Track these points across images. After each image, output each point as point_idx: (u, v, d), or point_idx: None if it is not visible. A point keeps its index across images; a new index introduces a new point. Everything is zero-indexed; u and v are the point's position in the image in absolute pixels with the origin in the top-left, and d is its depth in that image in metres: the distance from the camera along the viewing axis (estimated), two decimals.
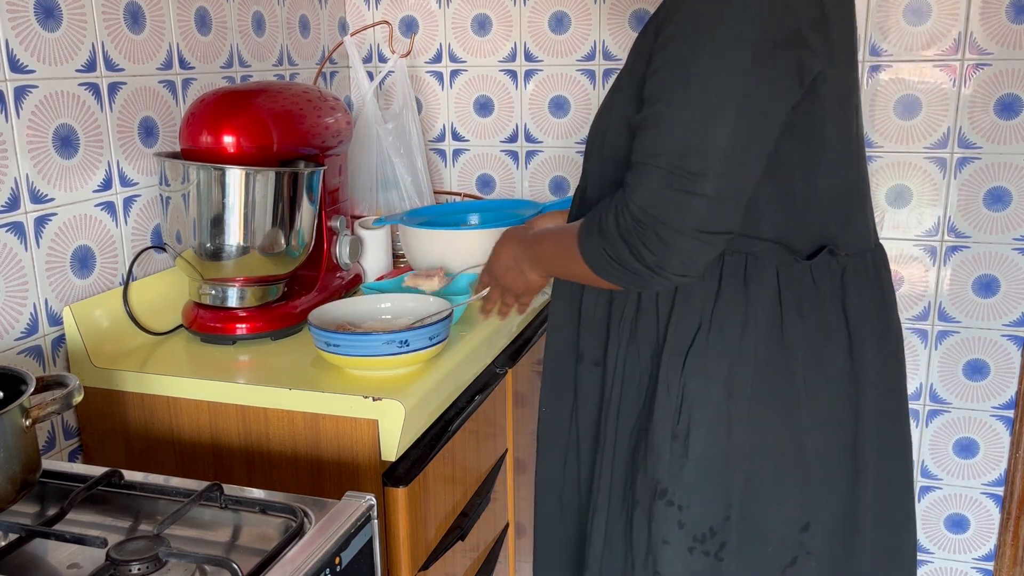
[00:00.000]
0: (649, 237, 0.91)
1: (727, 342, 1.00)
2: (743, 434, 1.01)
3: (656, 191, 0.90)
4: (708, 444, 1.01)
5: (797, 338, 1.00)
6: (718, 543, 1.03)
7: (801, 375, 1.01)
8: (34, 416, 0.86)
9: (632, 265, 0.94)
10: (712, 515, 1.02)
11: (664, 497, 1.03)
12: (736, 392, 1.00)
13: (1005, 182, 1.73)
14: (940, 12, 1.69)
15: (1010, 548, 1.88)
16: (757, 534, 1.03)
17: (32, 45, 1.19)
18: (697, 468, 1.02)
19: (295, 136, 1.36)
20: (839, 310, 1.02)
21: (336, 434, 1.15)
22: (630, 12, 1.85)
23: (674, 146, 0.89)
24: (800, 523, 1.03)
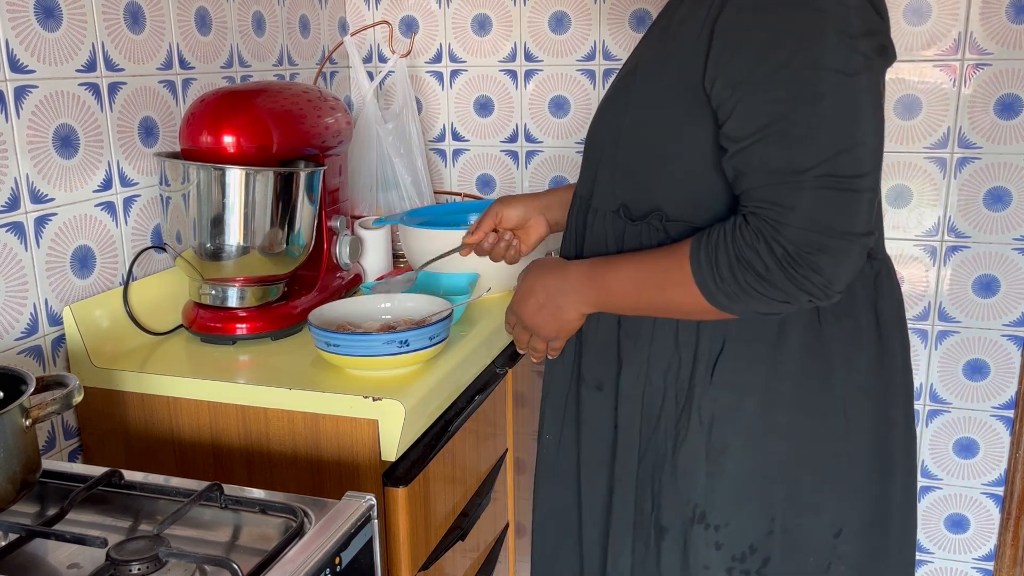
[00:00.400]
0: (818, 258, 0.84)
1: (759, 351, 0.96)
2: (783, 445, 0.97)
3: (815, 206, 0.83)
4: (746, 459, 0.97)
5: (835, 344, 0.97)
6: (760, 559, 0.99)
7: (840, 383, 0.98)
8: (34, 416, 0.86)
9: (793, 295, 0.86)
10: (753, 532, 0.99)
11: (702, 520, 0.99)
12: (772, 402, 0.96)
13: (1005, 182, 1.73)
14: (940, 12, 1.69)
15: (1010, 548, 1.88)
16: (797, 545, 1.00)
17: (32, 45, 1.19)
18: (734, 485, 0.98)
19: (295, 136, 1.36)
20: (871, 314, 0.99)
21: (336, 434, 1.15)
22: (630, 12, 1.85)
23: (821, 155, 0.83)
24: (834, 529, 1.01)
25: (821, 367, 0.97)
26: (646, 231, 0.99)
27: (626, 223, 1.01)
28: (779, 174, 0.84)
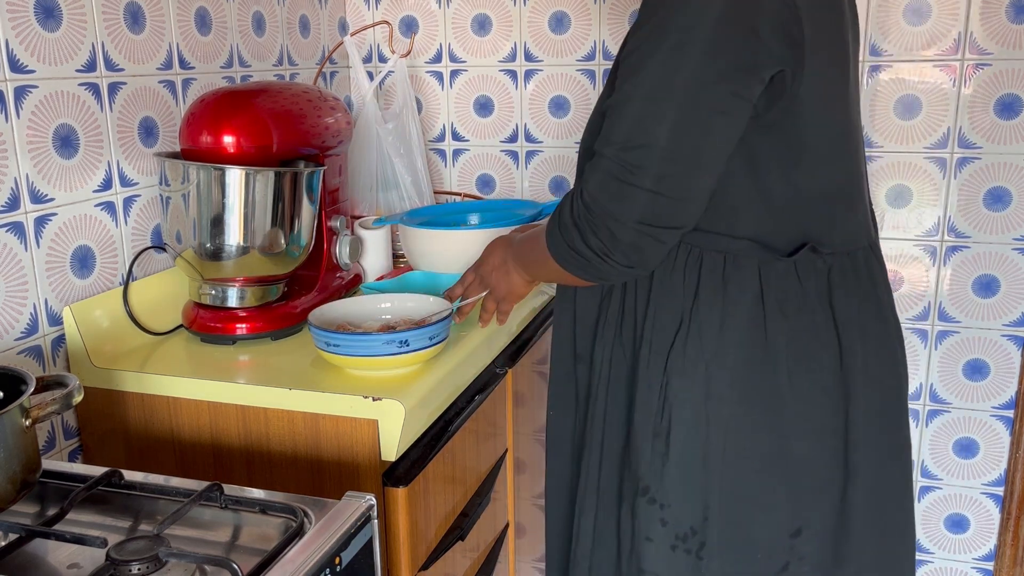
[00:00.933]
0: (597, 224, 0.94)
1: (705, 342, 1.00)
2: (721, 436, 1.00)
3: (602, 180, 0.93)
4: (687, 444, 1.01)
5: (780, 339, 0.99)
6: (698, 542, 1.03)
7: (786, 377, 0.99)
8: (34, 416, 0.86)
9: (583, 251, 0.97)
10: (692, 515, 1.03)
11: (646, 495, 1.04)
12: (714, 393, 1.00)
13: (1005, 182, 1.73)
14: (940, 12, 1.69)
15: (1010, 548, 1.88)
16: (743, 537, 1.02)
17: (32, 45, 1.19)
18: (677, 467, 1.02)
19: (295, 136, 1.36)
20: (827, 310, 1.00)
21: (336, 434, 1.15)
22: (630, 12, 1.85)
23: (621, 138, 0.92)
24: (790, 529, 1.02)
25: (766, 362, 0.99)
26: None
27: None
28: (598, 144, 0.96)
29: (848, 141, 1.03)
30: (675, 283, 1.01)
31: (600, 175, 0.94)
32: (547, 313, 1.82)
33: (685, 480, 1.02)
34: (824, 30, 0.95)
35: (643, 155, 0.90)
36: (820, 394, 1.01)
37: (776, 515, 1.02)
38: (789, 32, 0.90)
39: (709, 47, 0.88)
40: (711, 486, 1.01)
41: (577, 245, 0.97)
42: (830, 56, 0.98)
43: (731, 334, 0.99)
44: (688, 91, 0.89)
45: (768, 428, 1.00)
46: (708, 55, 0.88)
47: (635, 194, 0.91)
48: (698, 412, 1.01)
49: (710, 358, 1.00)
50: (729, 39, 0.88)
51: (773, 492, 1.01)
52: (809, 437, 1.01)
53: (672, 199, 0.92)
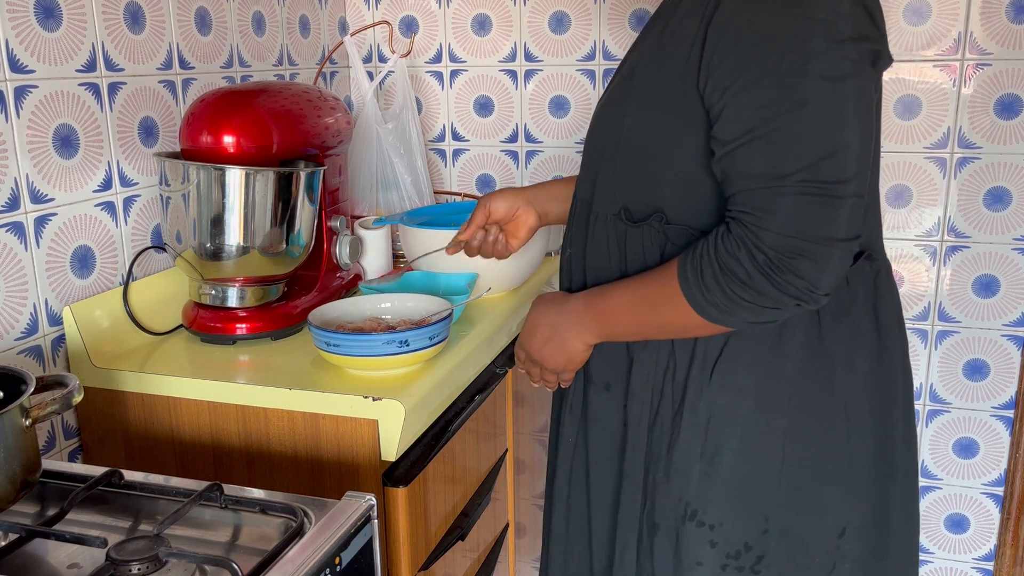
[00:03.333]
0: (799, 263, 0.84)
1: (759, 352, 0.96)
2: (779, 447, 0.97)
3: (796, 211, 0.84)
4: (740, 460, 0.98)
5: (835, 345, 0.97)
6: (754, 557, 1.00)
7: (839, 383, 0.98)
8: (34, 416, 0.86)
9: (778, 300, 0.87)
10: (747, 530, 0.99)
11: (694, 518, 1.00)
12: (770, 404, 0.97)
13: (1005, 182, 1.73)
14: (940, 12, 1.69)
15: (1010, 548, 1.88)
16: (799, 545, 1.00)
17: (32, 45, 1.19)
18: (728, 485, 0.98)
19: (295, 136, 1.36)
20: (871, 315, 1.00)
21: (336, 434, 1.15)
22: (630, 12, 1.85)
23: (806, 159, 0.83)
24: (838, 530, 1.01)
25: (822, 368, 0.97)
26: (647, 234, 0.99)
27: (627, 226, 1.01)
28: (761, 179, 0.85)
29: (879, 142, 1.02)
30: None
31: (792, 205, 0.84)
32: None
33: (737, 497, 0.99)
34: None
35: (835, 166, 0.84)
36: (865, 396, 1.00)
37: (828, 519, 1.01)
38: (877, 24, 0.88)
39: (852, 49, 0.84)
40: (770, 498, 0.98)
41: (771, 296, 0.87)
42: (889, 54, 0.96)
43: (790, 342, 0.96)
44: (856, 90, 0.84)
45: (822, 434, 0.98)
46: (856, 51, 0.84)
47: (839, 208, 0.84)
48: (750, 425, 0.97)
49: (767, 368, 0.96)
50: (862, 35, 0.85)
51: (825, 496, 1.00)
52: (854, 438, 1.00)
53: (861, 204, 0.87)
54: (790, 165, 0.84)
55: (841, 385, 0.98)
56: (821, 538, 1.01)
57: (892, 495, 1.04)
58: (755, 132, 0.85)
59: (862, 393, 1.00)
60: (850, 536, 1.02)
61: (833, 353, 0.97)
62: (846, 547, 1.02)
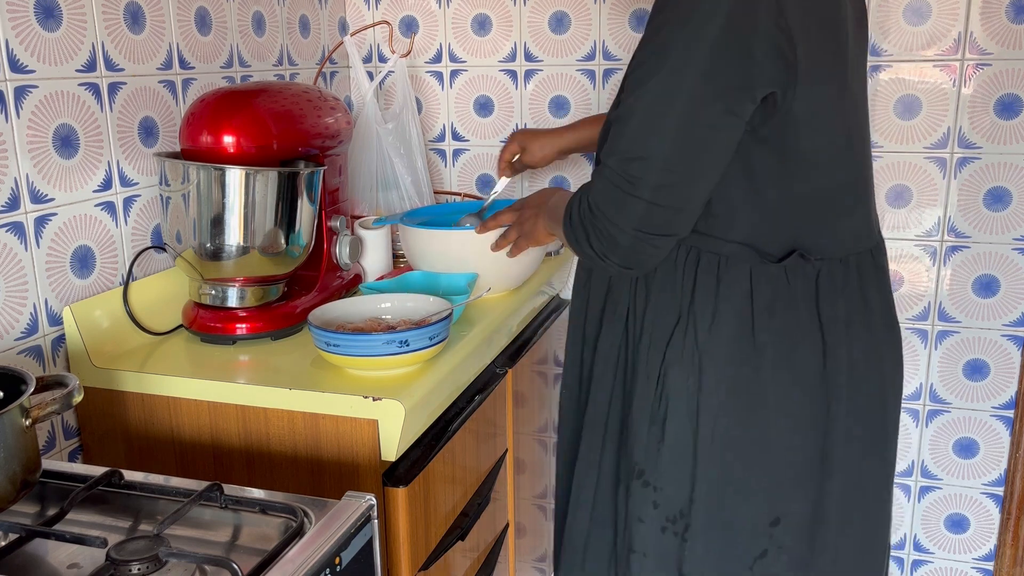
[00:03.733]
0: (597, 227, 1.02)
1: (698, 337, 1.06)
2: (709, 425, 1.07)
3: (605, 188, 1.01)
4: (680, 432, 1.08)
5: (766, 336, 1.05)
6: (683, 524, 1.10)
7: (770, 373, 1.05)
8: (34, 416, 0.86)
9: (586, 250, 1.05)
10: (681, 498, 1.09)
11: (641, 477, 1.11)
12: (704, 386, 1.06)
13: (1005, 182, 1.73)
14: (940, 12, 1.69)
15: (1010, 548, 1.88)
16: (724, 522, 1.09)
17: (32, 45, 1.19)
18: (671, 453, 1.09)
19: (295, 136, 1.36)
20: (812, 312, 1.06)
21: (336, 434, 1.15)
22: (630, 12, 1.85)
23: (622, 150, 0.98)
24: (769, 517, 1.08)
25: (752, 358, 1.05)
26: None
27: None
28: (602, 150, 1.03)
29: (849, 149, 1.07)
30: (674, 280, 1.08)
31: (603, 183, 1.01)
32: (547, 313, 1.82)
33: (677, 465, 1.09)
34: (821, 47, 0.98)
35: (642, 167, 0.97)
36: (801, 390, 1.06)
37: (755, 503, 1.08)
38: (783, 54, 0.94)
39: (706, 68, 0.93)
40: (698, 472, 1.08)
41: (582, 244, 1.06)
42: (828, 71, 1.01)
43: (721, 330, 1.06)
44: (686, 109, 0.94)
45: (750, 420, 1.06)
46: (705, 75, 0.93)
47: (634, 204, 0.98)
48: (690, 402, 1.07)
49: (702, 352, 1.06)
50: (725, 61, 0.93)
51: (753, 481, 1.08)
52: (788, 431, 1.07)
53: (668, 209, 0.98)
54: (613, 150, 1.00)
55: (773, 377, 1.06)
56: (747, 520, 1.08)
57: (828, 492, 1.09)
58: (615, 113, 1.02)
59: (799, 389, 1.06)
60: (786, 527, 1.08)
61: (764, 344, 1.05)
62: (781, 537, 1.08)
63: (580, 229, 1.05)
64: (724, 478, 1.07)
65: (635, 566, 1.13)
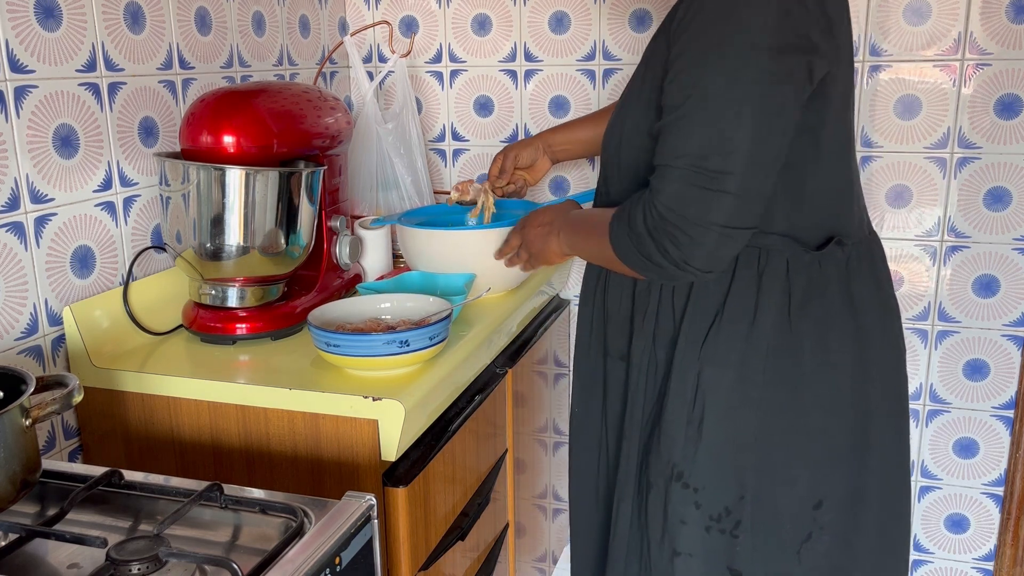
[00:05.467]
0: (675, 233, 0.97)
1: (739, 331, 1.06)
2: (754, 418, 1.07)
3: (680, 190, 0.96)
4: (721, 428, 1.07)
5: (804, 324, 1.06)
6: (733, 521, 1.09)
7: (808, 360, 1.06)
8: (34, 416, 0.86)
9: (658, 260, 1.00)
10: (727, 496, 1.08)
11: (680, 479, 1.10)
12: (747, 378, 1.06)
13: (1005, 182, 1.73)
14: (940, 12, 1.69)
15: (1010, 548, 1.88)
16: (771, 512, 1.09)
17: (32, 45, 1.19)
18: (710, 451, 1.08)
19: (295, 136, 1.36)
20: (845, 296, 1.07)
21: (336, 434, 1.15)
22: (630, 12, 1.85)
23: (696, 148, 0.95)
24: (812, 501, 1.09)
25: (791, 345, 1.06)
26: None
27: None
28: (664, 156, 0.99)
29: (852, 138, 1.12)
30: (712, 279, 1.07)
31: (677, 185, 0.97)
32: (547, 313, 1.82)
33: (718, 463, 1.08)
34: (844, 32, 1.03)
35: (725, 160, 0.94)
36: (837, 373, 1.08)
37: (799, 489, 1.08)
38: (830, 37, 0.97)
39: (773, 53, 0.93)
40: (745, 466, 1.07)
41: (652, 255, 1.01)
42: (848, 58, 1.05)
43: (763, 321, 1.05)
44: (759, 96, 0.93)
45: (791, 410, 1.07)
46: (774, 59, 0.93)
47: (720, 199, 0.95)
48: (731, 397, 1.07)
49: (743, 345, 1.06)
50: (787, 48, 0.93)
51: (795, 467, 1.08)
52: (826, 414, 1.08)
53: (752, 199, 0.97)
54: (683, 150, 0.96)
55: (811, 363, 1.06)
56: (792, 507, 1.09)
57: (868, 470, 1.11)
58: (671, 116, 0.98)
59: (836, 373, 1.07)
60: (828, 508, 1.09)
61: (803, 332, 1.06)
62: (824, 519, 1.09)
63: (648, 240, 1.00)
64: (768, 470, 1.08)
65: (680, 568, 1.11)
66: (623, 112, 1.12)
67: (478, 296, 1.47)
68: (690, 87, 0.96)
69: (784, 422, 1.07)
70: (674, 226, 0.97)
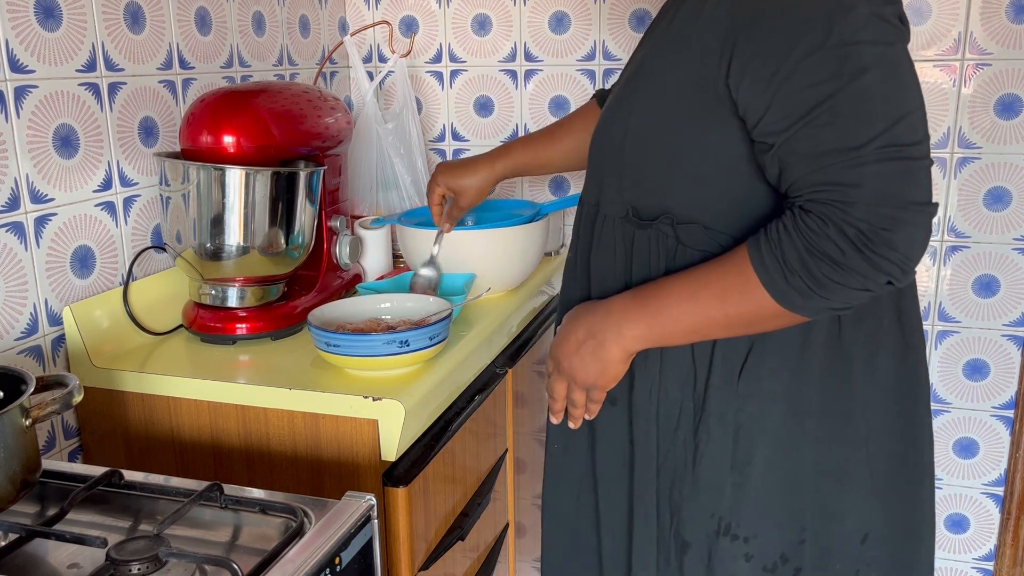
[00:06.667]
0: (893, 234, 0.79)
1: (785, 356, 0.93)
2: (811, 451, 0.95)
3: (881, 179, 0.79)
4: (772, 467, 0.95)
5: (855, 346, 0.94)
6: (791, 569, 0.97)
7: (860, 384, 0.95)
8: (34, 416, 0.86)
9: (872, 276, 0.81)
10: (782, 541, 0.97)
11: (728, 533, 0.97)
12: (799, 409, 0.94)
13: (1005, 182, 1.73)
14: (940, 12, 1.69)
15: (1010, 548, 1.88)
16: (826, 553, 0.98)
17: (32, 45, 1.19)
18: (761, 495, 0.95)
19: (295, 136, 1.36)
20: (893, 312, 0.96)
21: (336, 434, 1.15)
22: (630, 12, 1.85)
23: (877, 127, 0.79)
24: (859, 535, 0.98)
25: (842, 369, 0.94)
26: (655, 236, 0.97)
27: (635, 228, 0.99)
28: (834, 155, 0.81)
29: None
30: None
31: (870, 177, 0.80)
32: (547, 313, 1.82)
33: (772, 507, 0.96)
34: None
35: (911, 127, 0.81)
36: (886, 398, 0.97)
37: (849, 524, 0.97)
38: None
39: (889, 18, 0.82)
40: (803, 506, 0.96)
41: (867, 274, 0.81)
42: None
43: (815, 342, 0.93)
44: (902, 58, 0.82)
45: (843, 440, 0.95)
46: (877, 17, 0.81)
47: (921, 169, 0.81)
48: (779, 431, 0.94)
49: (793, 372, 0.93)
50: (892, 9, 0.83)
51: (848, 501, 0.97)
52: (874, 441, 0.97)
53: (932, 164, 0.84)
54: (865, 133, 0.80)
55: (862, 386, 0.95)
56: (842, 543, 0.98)
57: (922, 500, 1.00)
58: (815, 111, 0.81)
59: (884, 394, 0.96)
60: (873, 542, 0.98)
61: (853, 354, 0.94)
62: (870, 554, 0.98)
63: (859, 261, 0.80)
64: (823, 506, 0.96)
65: None
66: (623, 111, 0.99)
67: (478, 296, 1.47)
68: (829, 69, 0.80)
69: (836, 452, 0.95)
70: (889, 222, 0.79)
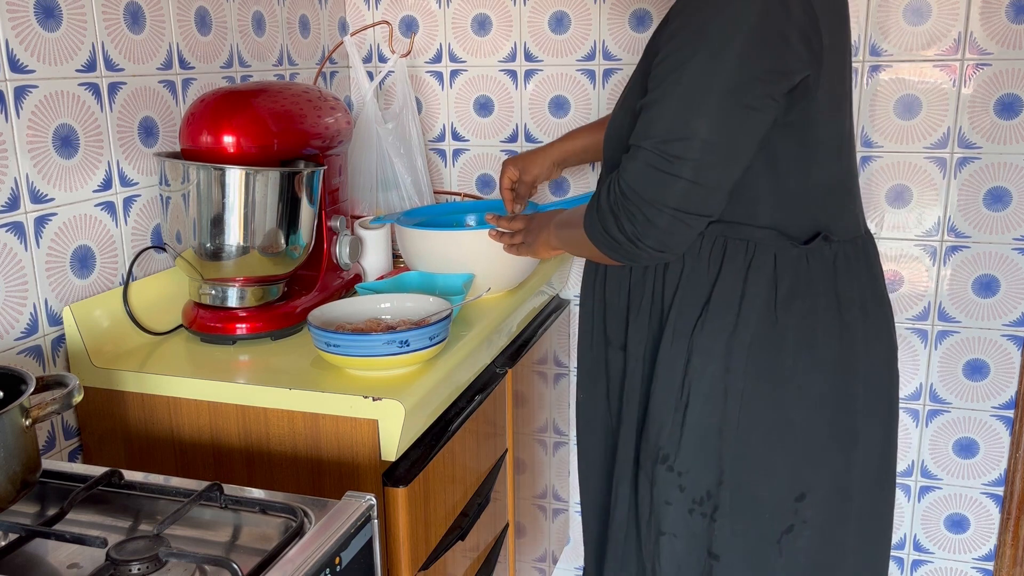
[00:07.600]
0: (631, 210, 1.03)
1: (725, 321, 1.09)
2: (736, 407, 1.10)
3: (641, 170, 1.02)
4: (704, 415, 1.11)
5: (789, 319, 1.08)
6: (712, 506, 1.13)
7: (792, 353, 1.09)
8: (34, 416, 0.86)
9: (616, 235, 1.06)
10: (707, 480, 1.12)
11: (665, 462, 1.14)
12: (732, 367, 1.09)
13: (1005, 182, 1.73)
14: (940, 12, 1.69)
15: (1010, 548, 1.88)
16: (750, 501, 1.12)
17: (32, 45, 1.19)
18: (694, 437, 1.12)
19: (295, 136, 1.36)
20: (831, 292, 1.10)
21: (336, 434, 1.15)
22: (630, 12, 1.85)
23: (660, 131, 1.00)
24: (794, 493, 1.12)
25: (775, 339, 1.09)
26: None
27: None
28: (634, 138, 1.04)
29: (851, 136, 1.14)
30: (700, 270, 1.11)
31: (639, 165, 1.02)
32: (547, 313, 1.82)
33: (702, 449, 1.12)
34: (834, 35, 1.04)
35: (684, 147, 0.99)
36: (821, 369, 1.10)
37: (780, 480, 1.11)
38: (810, 40, 0.99)
39: (746, 51, 0.96)
40: (725, 453, 1.11)
41: (611, 230, 1.06)
42: (839, 60, 1.07)
43: (748, 314, 1.08)
44: (726, 89, 0.97)
45: (774, 402, 1.10)
46: (746, 58, 0.96)
47: (674, 183, 1.00)
48: (715, 385, 1.10)
49: (729, 336, 1.09)
50: (764, 45, 0.96)
51: (775, 459, 1.11)
52: (811, 409, 1.11)
53: (707, 188, 1.01)
54: (650, 132, 1.01)
55: (794, 359, 1.09)
56: (771, 497, 1.12)
57: (853, 466, 1.13)
58: (647, 99, 1.03)
59: (819, 368, 1.10)
60: (811, 502, 1.12)
61: (787, 327, 1.08)
62: (807, 512, 1.12)
63: (609, 215, 1.06)
64: (749, 458, 1.11)
65: (665, 548, 1.16)
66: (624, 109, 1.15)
67: (478, 296, 1.47)
68: (666, 73, 1.00)
69: (766, 414, 1.10)
70: (632, 204, 1.02)
